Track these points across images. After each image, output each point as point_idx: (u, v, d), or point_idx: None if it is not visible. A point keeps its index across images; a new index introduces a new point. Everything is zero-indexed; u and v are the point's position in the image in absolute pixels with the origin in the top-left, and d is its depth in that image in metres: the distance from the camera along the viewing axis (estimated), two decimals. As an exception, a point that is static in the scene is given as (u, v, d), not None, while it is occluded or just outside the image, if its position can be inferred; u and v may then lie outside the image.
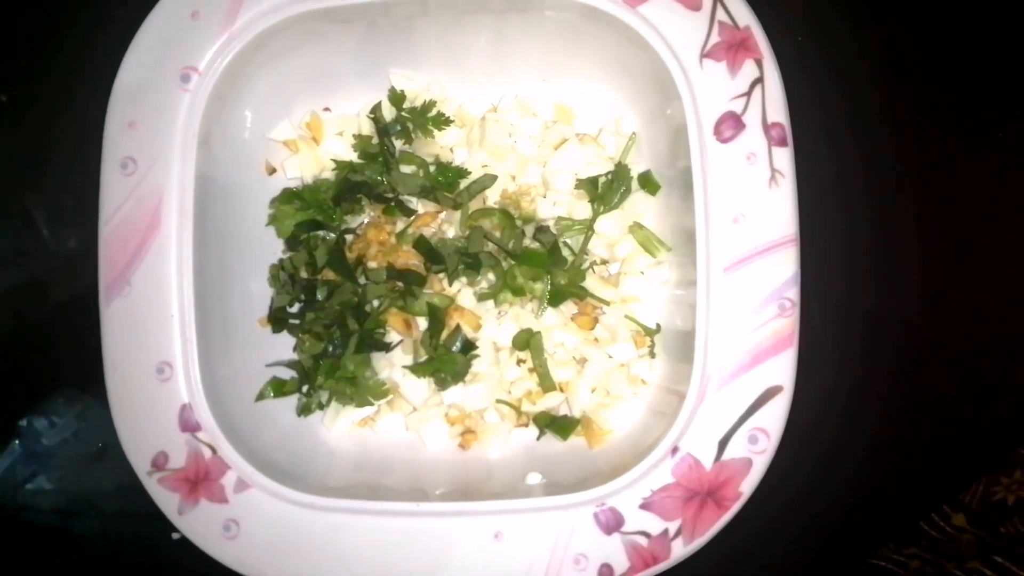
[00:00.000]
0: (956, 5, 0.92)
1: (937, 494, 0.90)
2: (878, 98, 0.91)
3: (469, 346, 0.80)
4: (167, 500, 0.73)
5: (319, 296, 0.81)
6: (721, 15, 0.73)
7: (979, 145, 0.91)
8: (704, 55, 0.73)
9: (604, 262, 0.85)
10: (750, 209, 0.72)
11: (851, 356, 0.89)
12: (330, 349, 0.80)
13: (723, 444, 0.71)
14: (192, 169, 0.74)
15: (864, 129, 0.91)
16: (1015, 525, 0.87)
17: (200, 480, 0.73)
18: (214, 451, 0.74)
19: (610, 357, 0.83)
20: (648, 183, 0.82)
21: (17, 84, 0.91)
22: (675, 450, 0.72)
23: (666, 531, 0.71)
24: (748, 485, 0.71)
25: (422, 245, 0.80)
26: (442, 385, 0.80)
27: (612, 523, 0.71)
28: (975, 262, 0.91)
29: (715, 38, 0.73)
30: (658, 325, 0.82)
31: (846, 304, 0.90)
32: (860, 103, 0.91)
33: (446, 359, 0.79)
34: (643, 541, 0.71)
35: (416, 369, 0.79)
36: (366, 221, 0.85)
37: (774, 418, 0.71)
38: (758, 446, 0.71)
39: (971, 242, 0.91)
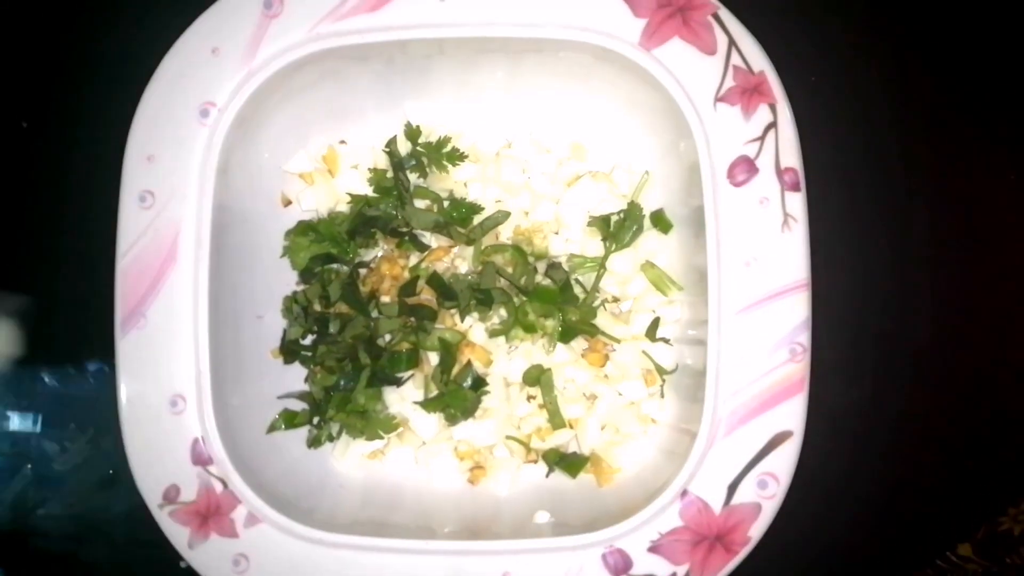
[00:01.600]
0: (972, 41, 0.92)
1: (947, 535, 0.89)
2: (893, 136, 0.91)
3: (480, 382, 0.80)
4: (178, 533, 0.74)
5: (331, 329, 0.81)
6: (736, 59, 0.74)
7: (996, 185, 0.91)
8: (718, 99, 0.74)
9: (616, 299, 0.85)
10: (762, 253, 0.72)
11: (861, 396, 0.89)
12: (341, 382, 0.80)
13: (732, 488, 0.72)
14: (210, 203, 0.75)
15: (879, 167, 0.91)
16: (1021, 556, 0.87)
17: (211, 514, 0.74)
18: (225, 485, 0.74)
19: (620, 395, 0.83)
20: (660, 221, 0.83)
21: (38, 112, 0.92)
22: (684, 493, 0.72)
23: (674, 575, 0.71)
24: (757, 530, 0.71)
25: (435, 281, 0.80)
26: (452, 420, 0.80)
27: (620, 566, 0.71)
28: (989, 300, 0.91)
29: (729, 82, 0.73)
30: (677, 365, 0.82)
31: (856, 346, 0.89)
32: (874, 142, 0.91)
33: (456, 395, 0.79)
34: (651, 585, 0.71)
35: (426, 404, 0.80)
36: (380, 255, 0.85)
37: (783, 463, 0.71)
38: (767, 491, 0.71)
39: (986, 279, 0.91)
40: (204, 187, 0.75)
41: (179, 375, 0.74)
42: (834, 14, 0.92)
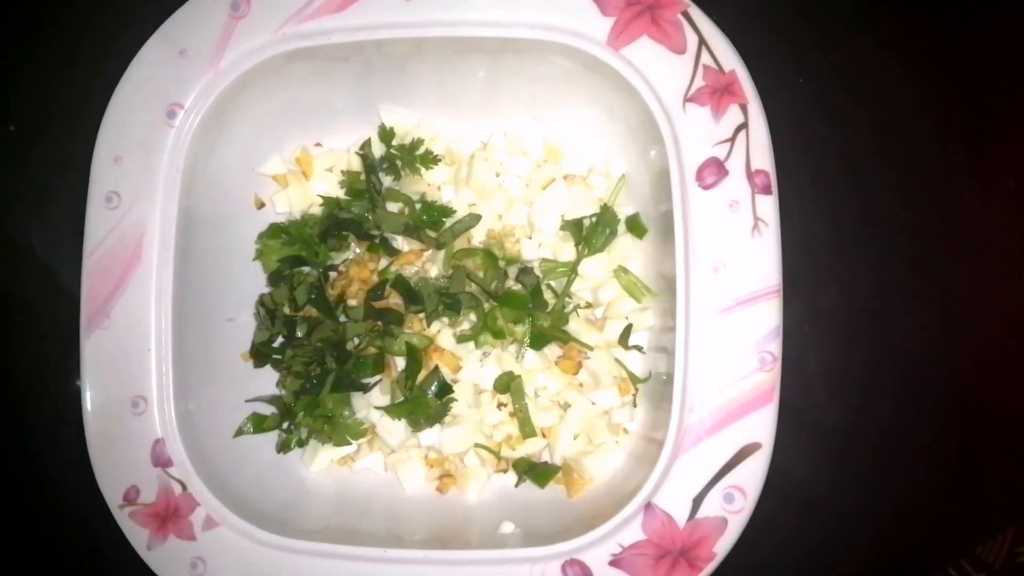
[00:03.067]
0: (967, 42, 0.89)
1: (934, 554, 0.85)
2: (884, 141, 0.88)
3: (446, 389, 0.79)
4: (137, 535, 0.73)
5: (299, 333, 0.81)
6: (706, 59, 0.72)
7: (994, 191, 0.88)
8: (688, 99, 0.72)
9: (589, 305, 0.83)
10: (731, 258, 0.70)
11: (846, 407, 0.86)
12: (309, 386, 0.79)
13: (698, 501, 0.69)
14: (175, 204, 0.75)
15: (867, 172, 0.88)
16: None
17: (169, 516, 0.73)
18: (184, 487, 0.74)
19: (593, 403, 0.81)
20: (636, 226, 0.81)
21: (26, 115, 0.93)
22: (648, 506, 0.69)
23: (636, 590, 0.69)
24: (723, 546, 0.69)
25: (400, 284, 0.79)
26: (416, 427, 0.79)
27: (580, 579, 0.69)
28: (982, 308, 0.87)
29: (699, 82, 0.71)
30: (651, 373, 0.80)
31: (842, 357, 0.86)
32: (863, 147, 0.88)
33: (421, 402, 0.78)
34: (611, 600, 0.69)
35: (390, 410, 0.78)
36: (351, 258, 0.84)
37: (752, 477, 0.69)
38: (734, 505, 0.69)
39: (974, 285, 0.87)
40: (170, 188, 0.75)
41: (141, 376, 0.74)
42: (823, 14, 0.89)
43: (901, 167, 0.87)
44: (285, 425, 0.82)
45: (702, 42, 0.72)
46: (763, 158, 0.71)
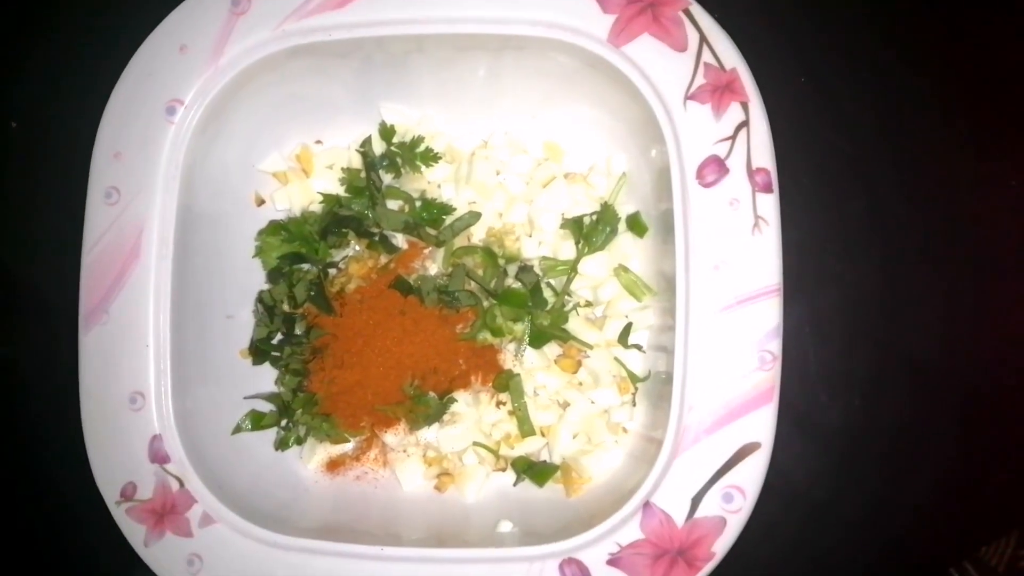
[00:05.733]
0: (971, 42, 0.88)
1: (938, 557, 0.85)
2: (887, 141, 0.88)
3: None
4: (133, 531, 0.73)
5: (298, 330, 0.80)
6: (707, 56, 0.71)
7: (997, 191, 0.87)
8: (688, 97, 0.71)
9: (589, 304, 0.83)
10: (732, 256, 0.70)
11: (848, 409, 0.85)
12: (306, 383, 0.79)
13: (696, 501, 0.69)
14: (175, 200, 0.75)
15: (872, 172, 0.87)
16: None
17: (166, 512, 0.73)
18: (182, 484, 0.73)
19: (592, 403, 0.80)
20: (636, 225, 0.80)
21: (28, 112, 0.93)
22: (646, 505, 0.69)
23: (634, 590, 0.68)
24: (721, 546, 0.68)
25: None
26: (414, 426, 0.79)
27: (578, 578, 0.69)
28: (986, 309, 0.86)
29: (700, 80, 0.71)
30: (650, 372, 0.80)
31: (847, 359, 0.86)
32: (867, 146, 0.87)
33: (420, 400, 0.77)
34: (609, 599, 0.68)
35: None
36: (350, 255, 0.84)
37: (751, 476, 0.68)
38: (733, 505, 0.68)
39: (980, 286, 0.86)
40: (169, 184, 0.75)
41: (139, 372, 0.74)
42: (826, 12, 0.88)
43: (904, 167, 0.87)
44: (283, 423, 0.82)
45: (703, 40, 0.72)
46: (764, 156, 0.70)
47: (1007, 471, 0.86)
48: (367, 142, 0.84)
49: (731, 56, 0.71)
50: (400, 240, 0.84)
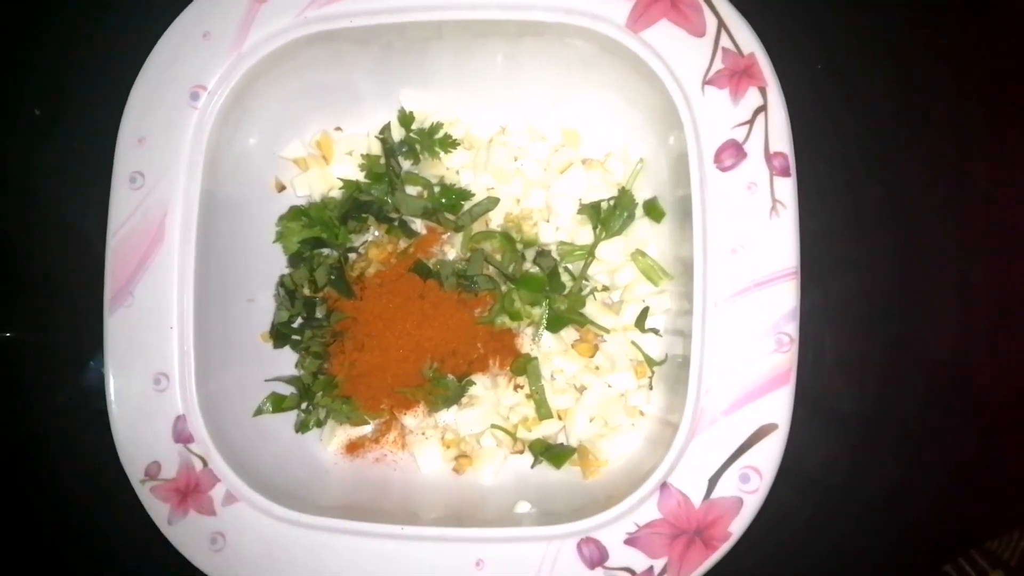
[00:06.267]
0: (990, 30, 0.88)
1: (950, 544, 0.85)
2: (907, 129, 0.88)
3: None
4: (158, 509, 0.74)
5: (318, 314, 0.82)
6: (725, 41, 0.72)
7: (1007, 175, 0.87)
8: (707, 82, 0.72)
9: (606, 288, 0.83)
10: (749, 240, 0.70)
11: (864, 396, 0.86)
12: (326, 366, 0.80)
13: (713, 481, 0.69)
14: (198, 185, 0.76)
15: (892, 161, 0.87)
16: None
17: (190, 491, 0.74)
18: (205, 463, 0.75)
19: (609, 386, 0.81)
20: (653, 210, 0.81)
21: (50, 99, 0.94)
22: (664, 486, 0.70)
23: (651, 569, 0.69)
24: (738, 526, 0.69)
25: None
26: (433, 408, 0.80)
27: (596, 557, 0.70)
28: (1006, 299, 0.86)
29: (718, 64, 0.72)
30: (667, 356, 0.80)
31: (863, 346, 0.86)
32: (887, 135, 0.88)
33: (439, 383, 0.78)
34: (627, 578, 0.69)
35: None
36: (370, 240, 0.85)
37: (768, 457, 0.69)
38: (750, 485, 0.69)
39: (997, 273, 0.86)
40: (193, 169, 0.76)
41: (163, 353, 0.75)
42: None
43: (922, 153, 0.87)
44: (304, 405, 0.83)
45: (721, 25, 0.72)
46: (782, 140, 0.71)
47: (1022, 464, 0.86)
48: (386, 129, 0.85)
49: (749, 41, 0.72)
50: (419, 225, 0.85)
